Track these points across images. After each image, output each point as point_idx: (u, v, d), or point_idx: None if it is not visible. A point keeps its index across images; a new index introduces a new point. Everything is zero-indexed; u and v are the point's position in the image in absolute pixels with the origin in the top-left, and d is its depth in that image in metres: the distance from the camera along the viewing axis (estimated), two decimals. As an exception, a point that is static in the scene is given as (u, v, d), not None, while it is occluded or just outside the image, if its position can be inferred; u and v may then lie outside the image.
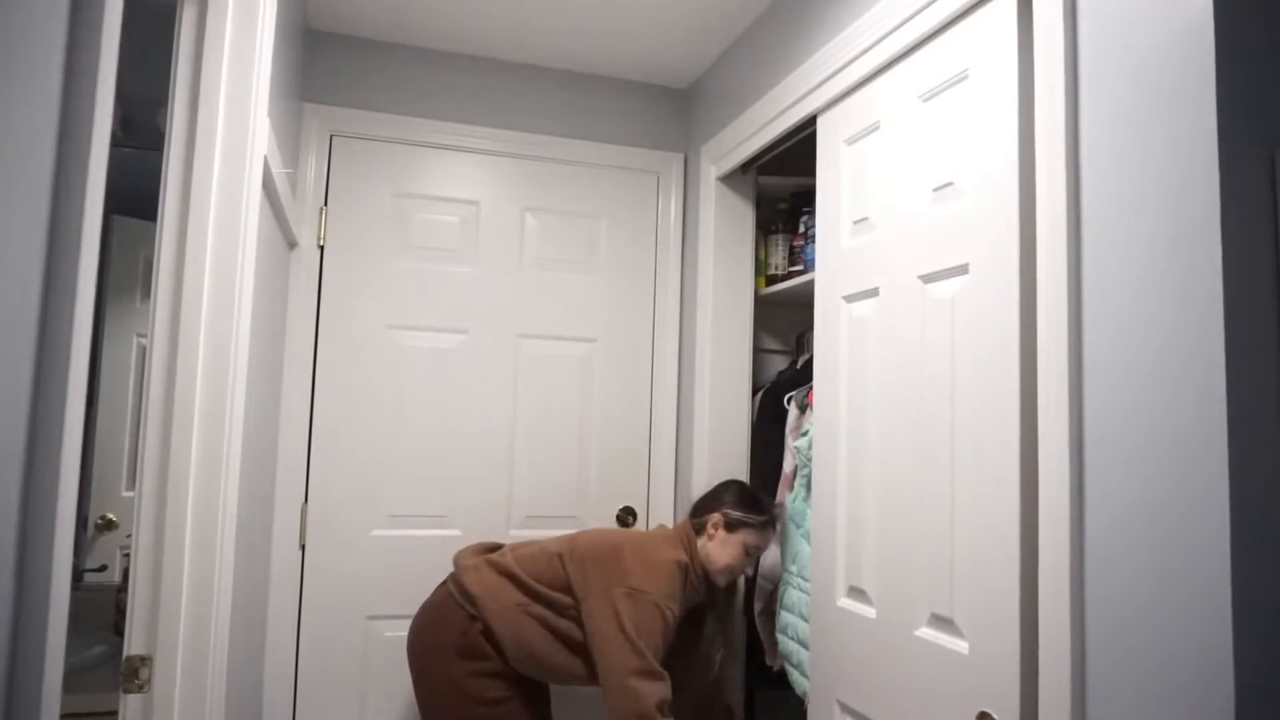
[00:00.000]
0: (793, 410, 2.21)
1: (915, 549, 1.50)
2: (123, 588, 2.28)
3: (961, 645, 1.37)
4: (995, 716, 1.28)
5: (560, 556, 1.96)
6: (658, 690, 1.78)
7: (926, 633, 1.46)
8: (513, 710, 1.89)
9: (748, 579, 2.30)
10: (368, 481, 2.36)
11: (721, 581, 2.01)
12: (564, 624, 1.91)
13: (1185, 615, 1.01)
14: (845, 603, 1.70)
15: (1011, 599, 1.27)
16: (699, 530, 2.01)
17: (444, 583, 2.04)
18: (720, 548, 1.97)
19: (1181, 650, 1.01)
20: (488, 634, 1.90)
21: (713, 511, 2.00)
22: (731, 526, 1.98)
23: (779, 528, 2.08)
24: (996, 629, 1.29)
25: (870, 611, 1.62)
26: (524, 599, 1.92)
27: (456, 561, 2.04)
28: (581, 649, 1.91)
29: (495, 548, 2.11)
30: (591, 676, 1.92)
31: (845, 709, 1.68)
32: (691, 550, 1.98)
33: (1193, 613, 1.00)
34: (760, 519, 1.99)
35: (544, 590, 1.92)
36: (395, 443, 2.38)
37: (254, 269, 1.46)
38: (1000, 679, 1.28)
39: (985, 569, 1.33)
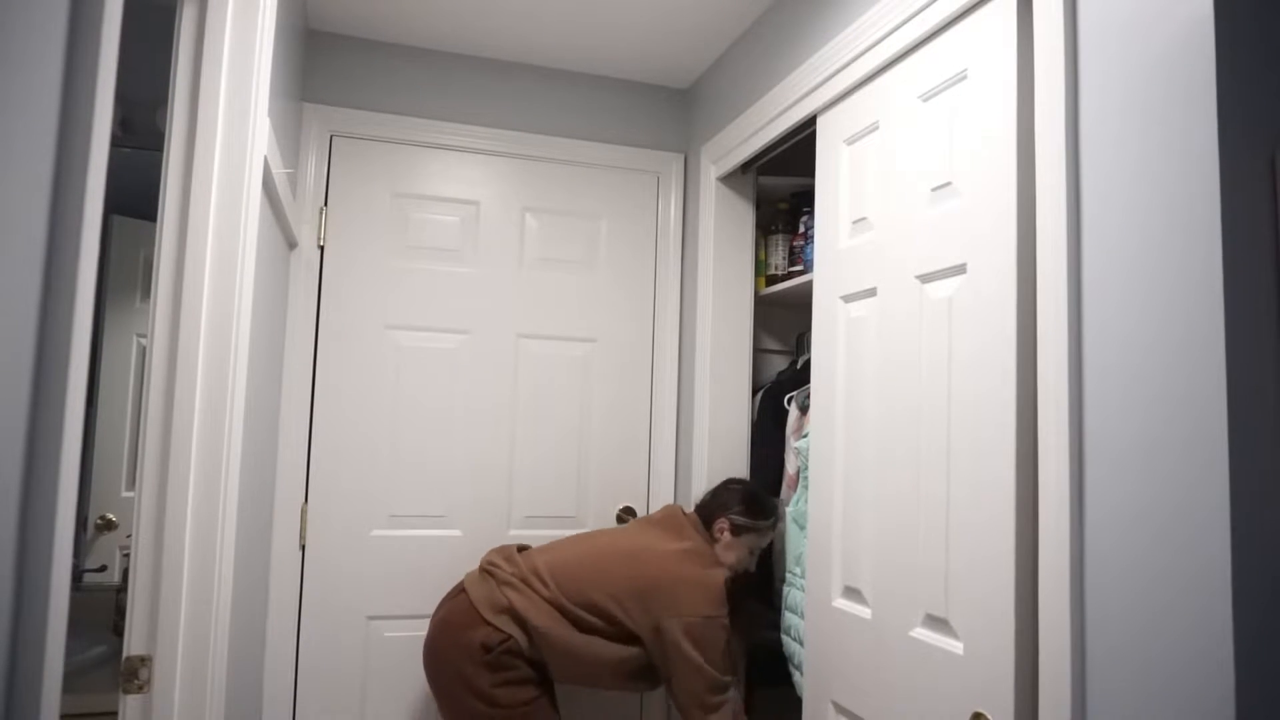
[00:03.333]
0: (793, 411, 2.21)
1: (911, 549, 1.50)
2: (123, 588, 2.28)
3: (956, 646, 1.38)
4: (989, 717, 1.28)
5: (604, 605, 1.96)
6: (728, 706, 1.92)
7: (921, 633, 1.46)
8: (542, 706, 1.94)
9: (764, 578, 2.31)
10: (368, 481, 2.36)
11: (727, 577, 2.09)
12: (618, 649, 1.97)
13: (1185, 615, 1.01)
14: (841, 603, 1.70)
15: (1006, 600, 1.27)
16: (709, 538, 2.09)
17: (460, 592, 2.03)
18: (726, 550, 2.07)
19: (1181, 650, 1.01)
20: (515, 650, 1.92)
21: (720, 517, 2.08)
22: (738, 531, 2.07)
23: (782, 526, 2.13)
24: (991, 630, 1.29)
25: (866, 612, 1.62)
26: (576, 630, 1.96)
27: (501, 580, 2.00)
28: (623, 667, 1.98)
29: (522, 549, 2.13)
30: (624, 685, 2.03)
31: (840, 709, 1.68)
32: (721, 561, 2.07)
33: (1193, 612, 1.00)
34: (765, 524, 2.09)
35: (598, 624, 1.97)
36: (395, 443, 2.38)
37: (254, 269, 1.46)
38: (995, 679, 1.28)
39: (980, 570, 1.33)
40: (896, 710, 1.51)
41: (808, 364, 2.26)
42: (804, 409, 2.17)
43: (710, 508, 2.12)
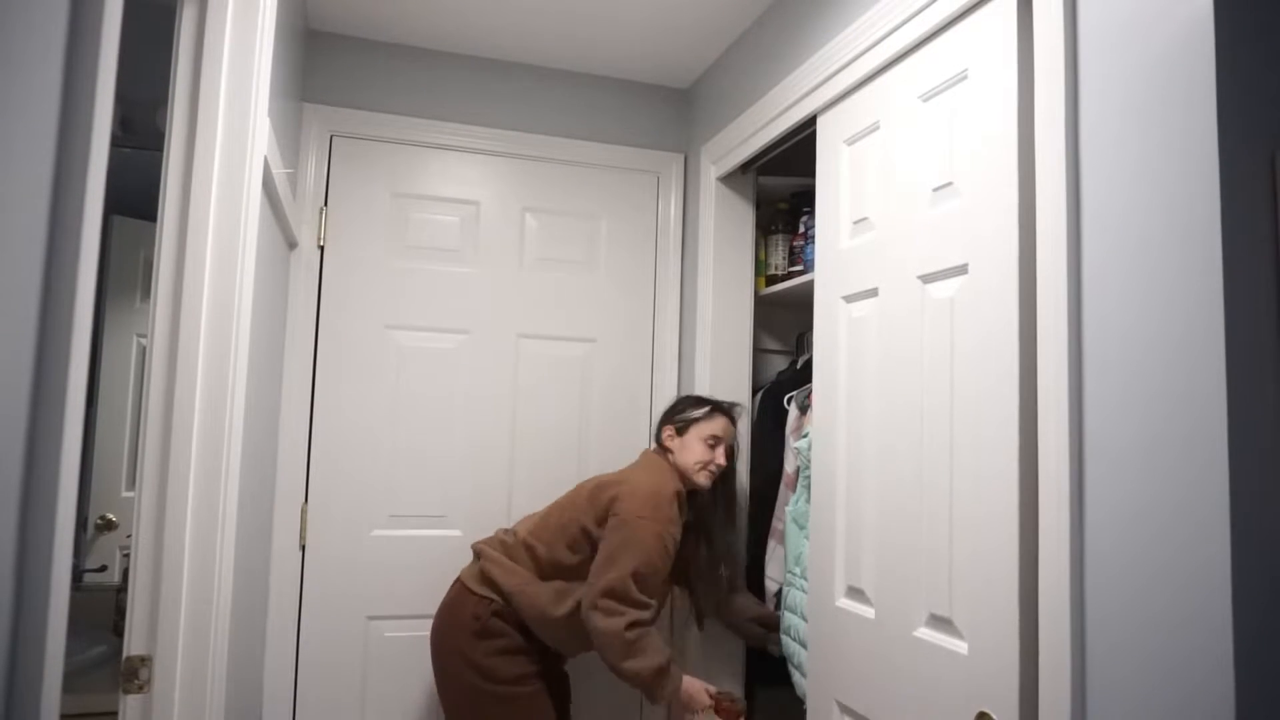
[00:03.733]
0: (793, 411, 2.21)
1: (914, 549, 1.50)
2: (123, 588, 2.28)
3: (960, 645, 1.37)
4: (994, 717, 1.28)
5: (569, 526, 2.02)
6: (624, 617, 1.85)
7: (925, 633, 1.46)
8: (537, 694, 1.95)
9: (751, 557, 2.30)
10: (368, 481, 2.36)
11: (704, 481, 2.11)
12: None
13: (1185, 613, 1.01)
14: (844, 603, 1.70)
15: (1011, 599, 1.27)
16: (663, 451, 2.15)
17: (455, 582, 2.10)
18: (682, 452, 2.11)
19: (1181, 649, 1.01)
20: (502, 614, 1.96)
21: (664, 426, 2.16)
22: (681, 429, 2.12)
23: (736, 415, 2.20)
24: (995, 629, 1.29)
25: (869, 611, 1.62)
26: (541, 581, 2.00)
27: (479, 554, 2.10)
28: None
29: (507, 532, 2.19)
30: None
31: (844, 709, 1.68)
32: (675, 474, 2.09)
33: (1192, 610, 1.00)
34: (703, 410, 2.13)
35: (565, 556, 2.00)
36: (395, 443, 2.38)
37: (254, 269, 1.46)
38: (999, 679, 1.28)
39: (984, 569, 1.33)
40: (901, 710, 1.51)
41: (808, 364, 2.26)
42: (804, 409, 2.16)
43: (659, 425, 2.20)
